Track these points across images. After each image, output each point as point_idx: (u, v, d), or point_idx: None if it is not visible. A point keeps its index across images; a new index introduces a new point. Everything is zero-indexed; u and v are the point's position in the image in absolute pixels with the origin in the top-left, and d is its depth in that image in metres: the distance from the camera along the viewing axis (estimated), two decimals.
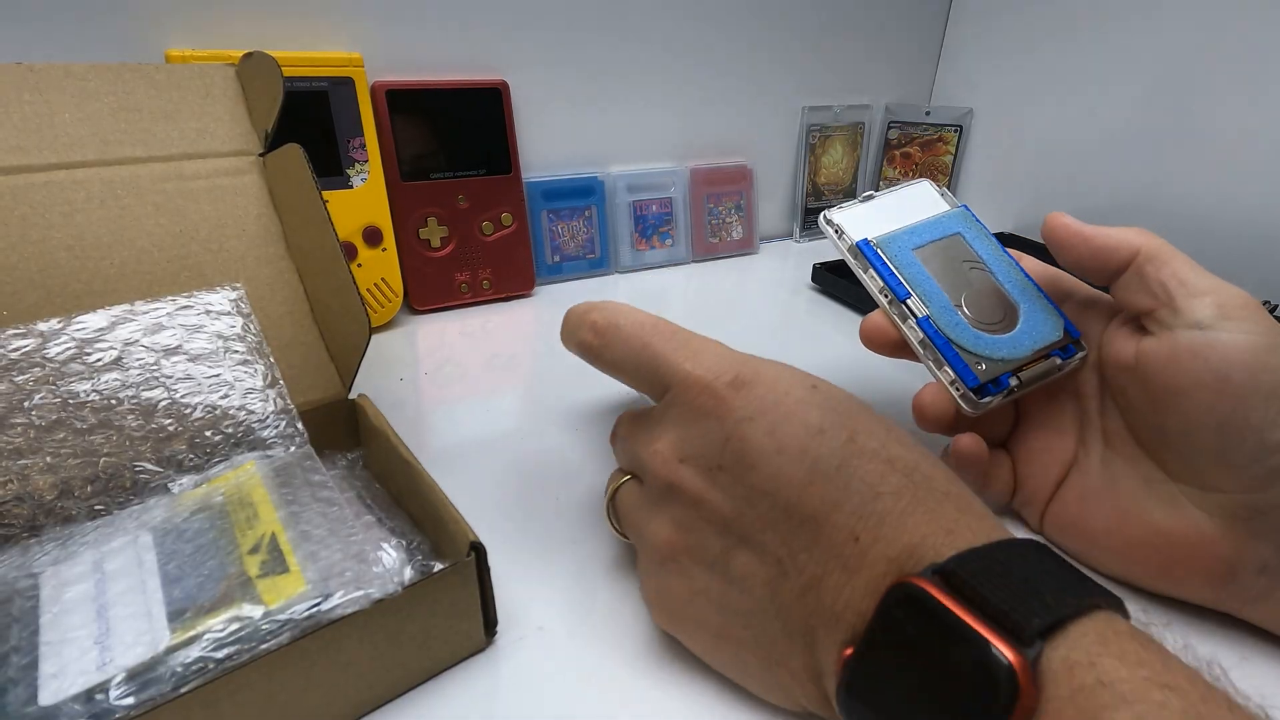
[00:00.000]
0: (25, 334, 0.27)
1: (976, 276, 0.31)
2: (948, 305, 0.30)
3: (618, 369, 0.27)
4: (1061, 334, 0.30)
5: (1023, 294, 0.31)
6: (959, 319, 0.30)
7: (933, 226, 0.32)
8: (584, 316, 0.28)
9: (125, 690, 0.20)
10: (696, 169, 0.70)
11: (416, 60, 0.54)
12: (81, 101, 0.33)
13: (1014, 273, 0.31)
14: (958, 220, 0.33)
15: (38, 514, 0.26)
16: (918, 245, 0.32)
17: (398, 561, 0.25)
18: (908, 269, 0.31)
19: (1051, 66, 0.70)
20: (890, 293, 0.30)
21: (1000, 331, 0.30)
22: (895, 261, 0.31)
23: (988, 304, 0.30)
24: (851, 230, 0.32)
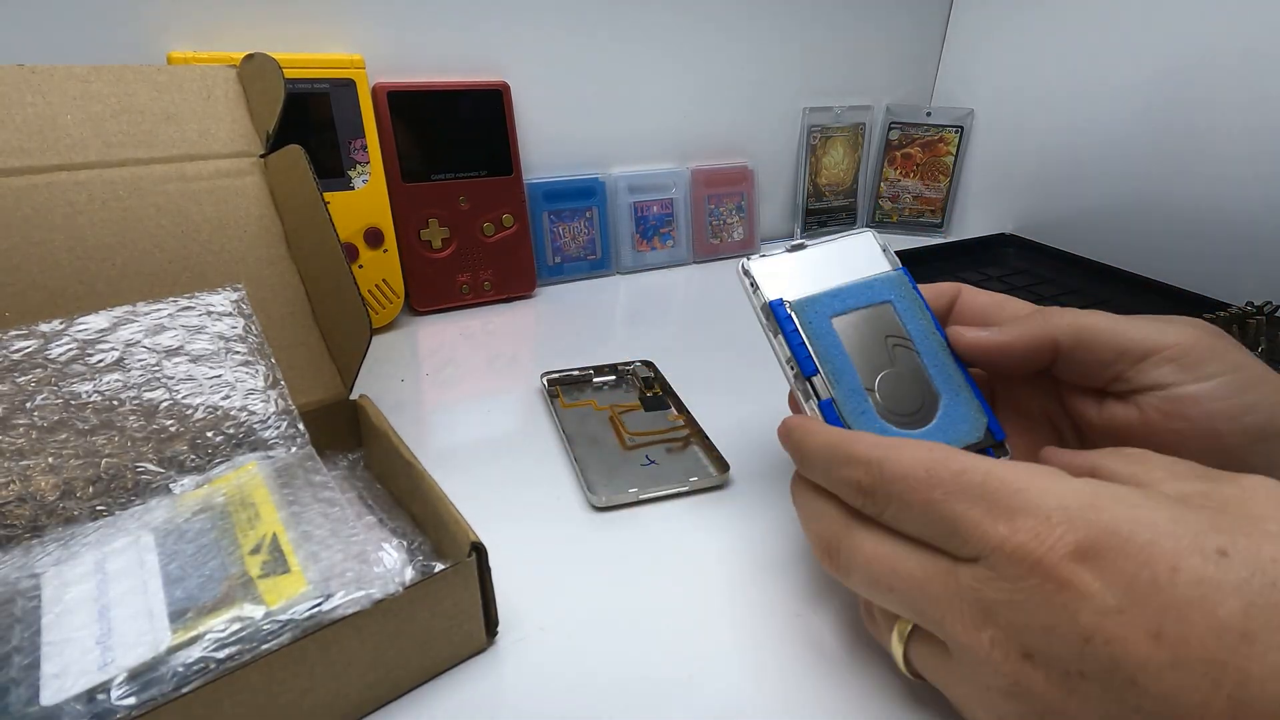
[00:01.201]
0: (27, 335, 0.27)
1: (900, 355, 0.27)
2: (857, 389, 0.26)
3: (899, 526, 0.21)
4: (982, 434, 0.26)
5: (947, 382, 0.27)
6: (867, 406, 0.26)
7: (862, 291, 0.28)
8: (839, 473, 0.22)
9: (127, 690, 0.20)
10: (697, 170, 0.70)
11: (418, 62, 0.55)
12: (84, 103, 0.33)
13: (943, 356, 0.28)
14: (892, 286, 0.29)
15: (40, 514, 0.26)
16: (839, 312, 0.28)
17: (399, 562, 0.25)
18: (821, 340, 0.27)
19: (1052, 67, 0.70)
20: (797, 366, 0.27)
21: (912, 425, 0.26)
22: (809, 330, 0.27)
23: (905, 391, 0.27)
24: (767, 286, 0.28)
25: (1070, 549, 0.16)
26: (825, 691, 0.25)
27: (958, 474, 0.19)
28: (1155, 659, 0.15)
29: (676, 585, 0.30)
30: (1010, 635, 0.18)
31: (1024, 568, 0.17)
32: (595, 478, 0.36)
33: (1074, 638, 0.16)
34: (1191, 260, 0.60)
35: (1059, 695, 0.17)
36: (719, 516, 0.34)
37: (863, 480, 0.21)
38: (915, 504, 0.20)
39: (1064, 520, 0.17)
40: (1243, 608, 0.15)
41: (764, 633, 0.27)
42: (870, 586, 0.22)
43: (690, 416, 0.41)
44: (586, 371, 0.46)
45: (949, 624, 0.19)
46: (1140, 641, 0.15)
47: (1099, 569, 0.16)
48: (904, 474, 0.20)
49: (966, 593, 0.19)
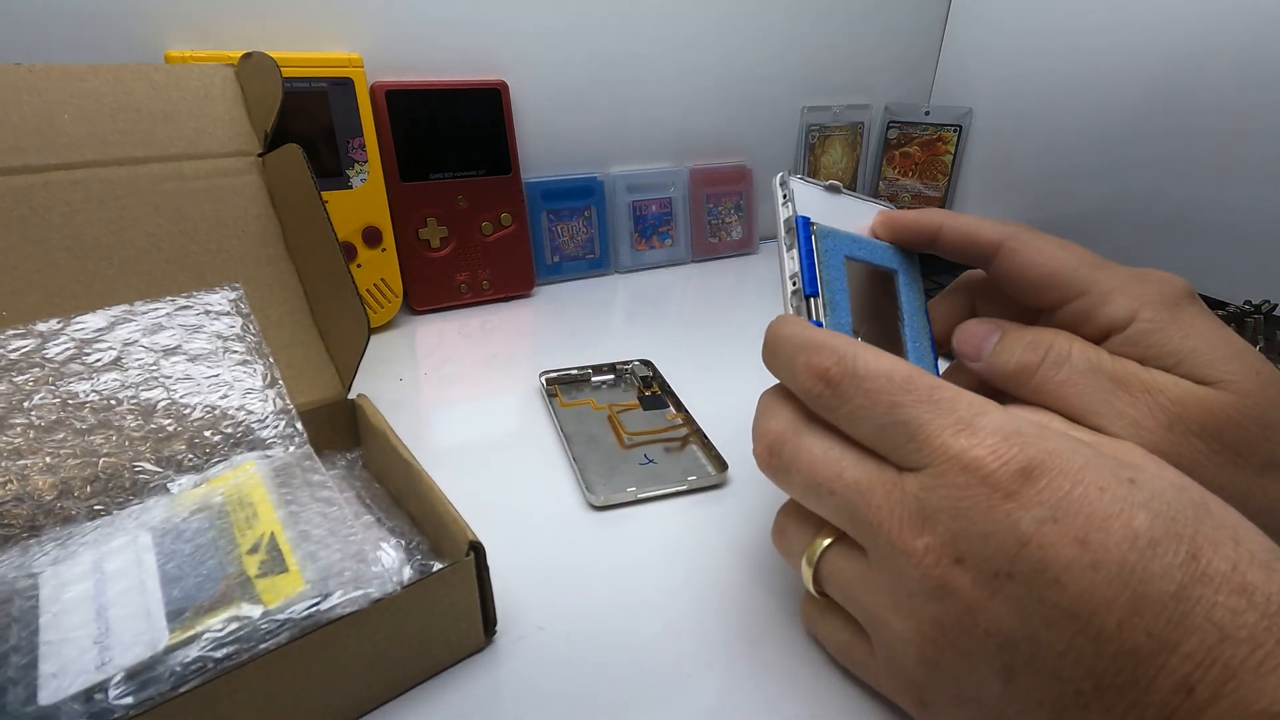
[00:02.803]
0: (25, 334, 0.27)
1: (886, 318, 0.28)
2: (846, 325, 0.26)
3: (852, 424, 0.22)
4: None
5: (919, 360, 0.28)
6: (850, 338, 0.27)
7: (877, 250, 0.29)
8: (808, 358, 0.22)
9: (124, 690, 0.20)
10: (696, 169, 0.70)
11: (416, 61, 0.55)
12: (81, 102, 0.33)
13: (922, 337, 0.28)
14: (902, 260, 0.30)
15: (37, 514, 0.26)
16: (853, 256, 0.28)
17: (397, 561, 0.25)
18: (830, 270, 0.27)
19: (1051, 66, 0.70)
20: (800, 282, 0.27)
21: None
22: (823, 257, 0.27)
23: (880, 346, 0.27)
24: (801, 203, 0.28)
25: (1020, 466, 0.19)
26: (823, 690, 0.25)
27: (931, 387, 0.20)
28: (1079, 560, 0.18)
29: (675, 584, 0.30)
30: (946, 541, 0.19)
31: (976, 478, 0.19)
32: (593, 477, 0.36)
33: (1011, 543, 0.18)
34: (1189, 259, 0.60)
35: (983, 595, 0.19)
36: (717, 515, 0.34)
37: (832, 369, 0.22)
38: (880, 404, 0.21)
39: (1018, 442, 0.19)
40: (1149, 520, 0.18)
41: (762, 632, 0.27)
42: (809, 489, 0.23)
43: (689, 416, 0.41)
44: (585, 371, 0.46)
45: (885, 529, 0.20)
46: (1068, 546, 0.18)
47: (1040, 485, 0.18)
48: (877, 373, 0.21)
49: (909, 500, 0.20)
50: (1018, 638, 0.18)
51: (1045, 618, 0.18)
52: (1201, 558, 0.17)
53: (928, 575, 0.20)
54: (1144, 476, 0.19)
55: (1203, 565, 0.17)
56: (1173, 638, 0.17)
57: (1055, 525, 0.18)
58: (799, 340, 0.23)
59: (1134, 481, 0.18)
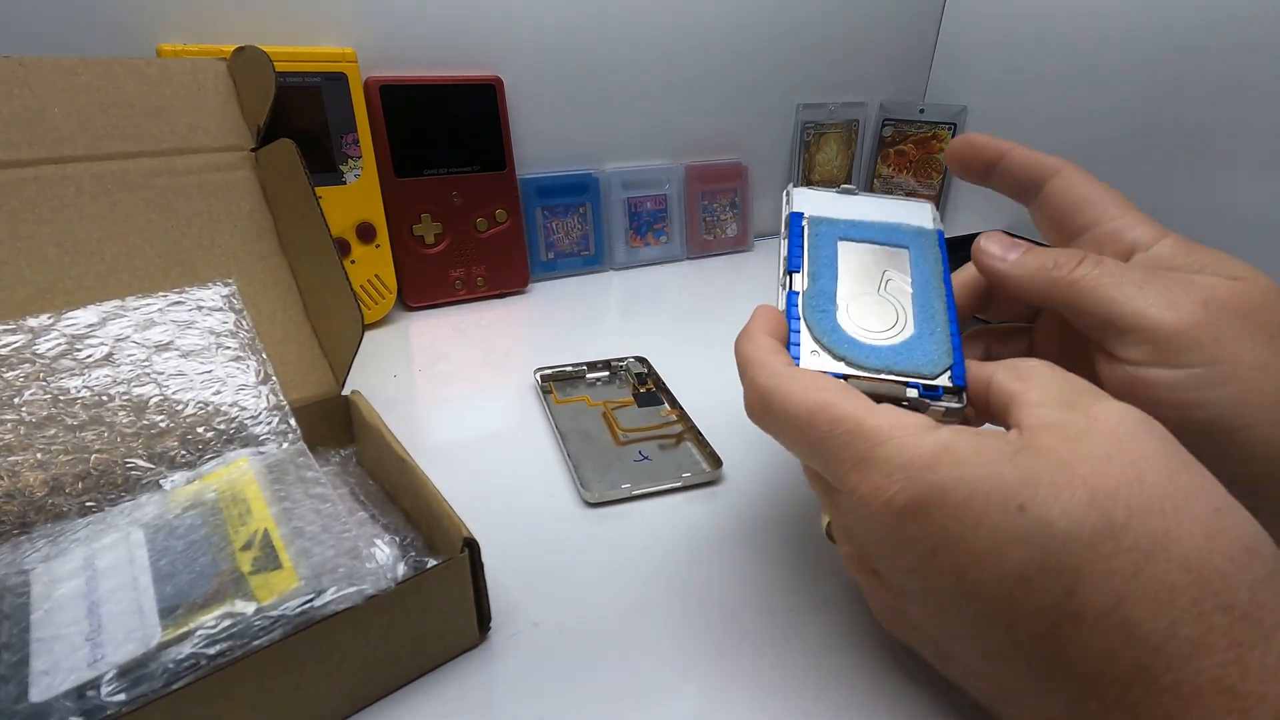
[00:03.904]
0: (15, 330, 0.27)
1: (892, 289, 0.28)
2: (828, 294, 0.27)
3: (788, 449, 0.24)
4: (938, 373, 0.25)
5: (927, 321, 0.26)
6: (829, 308, 0.27)
7: (883, 230, 0.29)
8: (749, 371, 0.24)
9: (116, 687, 0.20)
10: (691, 166, 0.70)
11: (410, 56, 0.54)
12: (72, 96, 0.33)
13: (935, 301, 0.27)
14: (917, 238, 0.29)
15: (28, 511, 0.26)
16: (849, 238, 0.29)
17: (391, 558, 0.25)
18: (819, 249, 0.28)
19: (1045, 65, 0.70)
20: (786, 263, 0.28)
21: (870, 340, 0.26)
22: (812, 240, 0.29)
23: (880, 312, 0.27)
24: (798, 204, 0.30)
25: (902, 504, 0.19)
26: (819, 688, 0.25)
27: (833, 422, 0.21)
28: (958, 593, 0.19)
29: (669, 581, 0.30)
30: (865, 554, 0.22)
31: (866, 511, 0.20)
32: (588, 473, 0.36)
33: (902, 568, 0.20)
34: None
35: (900, 601, 0.22)
36: (712, 512, 0.34)
37: (755, 405, 0.23)
38: (794, 437, 0.22)
39: (902, 479, 0.19)
40: (1024, 557, 0.17)
41: (757, 628, 0.27)
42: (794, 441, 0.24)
43: (683, 412, 0.41)
44: (580, 367, 0.46)
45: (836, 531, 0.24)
46: (948, 579, 0.19)
47: (921, 521, 0.19)
48: (787, 411, 0.22)
49: (839, 511, 0.23)
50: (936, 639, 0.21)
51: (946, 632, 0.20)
52: (1078, 593, 0.17)
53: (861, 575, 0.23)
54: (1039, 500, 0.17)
55: (1078, 603, 0.17)
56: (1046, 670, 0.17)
57: (935, 559, 0.19)
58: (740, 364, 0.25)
59: (1023, 509, 0.17)
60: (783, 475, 0.36)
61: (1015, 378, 0.22)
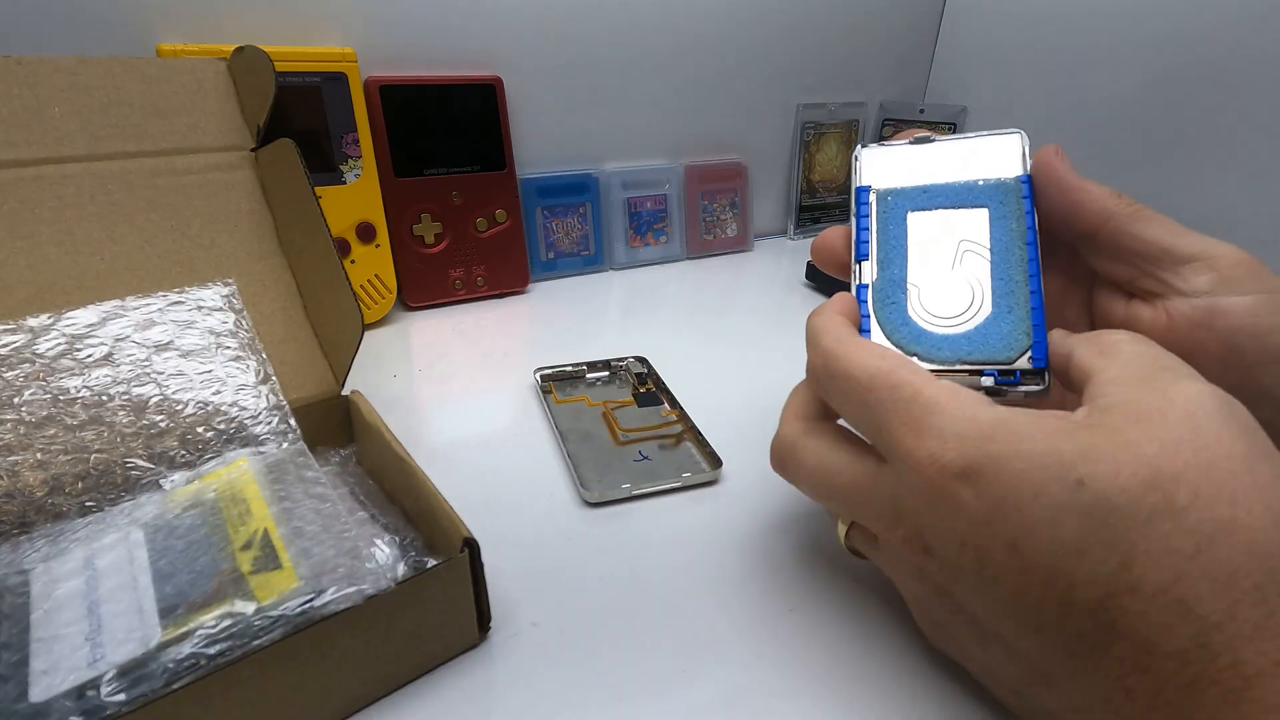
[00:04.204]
0: (15, 330, 0.27)
1: (969, 261, 0.26)
2: (898, 280, 0.26)
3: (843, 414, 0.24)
4: (1015, 355, 0.24)
5: (1006, 297, 0.25)
6: (899, 299, 0.26)
7: (959, 192, 0.27)
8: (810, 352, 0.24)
9: (116, 687, 0.20)
10: (691, 166, 0.70)
11: (410, 56, 0.54)
12: (72, 96, 0.33)
13: (1015, 271, 0.25)
14: (998, 193, 0.27)
15: (28, 510, 0.25)
16: (922, 208, 0.27)
17: (391, 558, 0.25)
18: (888, 230, 0.27)
19: (1045, 65, 0.70)
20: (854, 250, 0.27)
21: (944, 328, 0.25)
22: (881, 219, 0.27)
23: (954, 294, 0.26)
24: (867, 173, 0.28)
25: (958, 469, 0.19)
26: (817, 688, 0.25)
27: (893, 387, 0.21)
28: (1010, 565, 0.18)
29: (669, 581, 0.30)
30: (915, 533, 0.21)
31: (920, 478, 0.20)
32: (588, 473, 0.36)
33: (955, 540, 0.20)
34: None
35: (949, 581, 0.21)
36: (711, 512, 0.34)
37: (818, 368, 0.24)
38: (852, 401, 0.22)
39: (958, 446, 0.19)
40: (1080, 529, 0.17)
41: (756, 628, 0.27)
42: (813, 492, 0.26)
43: (683, 412, 0.41)
44: (580, 367, 0.46)
45: (873, 523, 0.23)
46: (1000, 550, 0.18)
47: (976, 487, 0.19)
48: (847, 373, 0.22)
49: (885, 496, 0.22)
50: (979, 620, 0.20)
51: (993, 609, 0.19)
52: (1135, 567, 0.17)
53: (907, 560, 0.22)
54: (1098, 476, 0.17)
55: (1135, 576, 0.17)
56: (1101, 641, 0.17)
57: (988, 529, 0.18)
58: (809, 333, 0.25)
59: (1082, 483, 0.17)
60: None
61: (1097, 353, 0.22)
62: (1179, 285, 0.24)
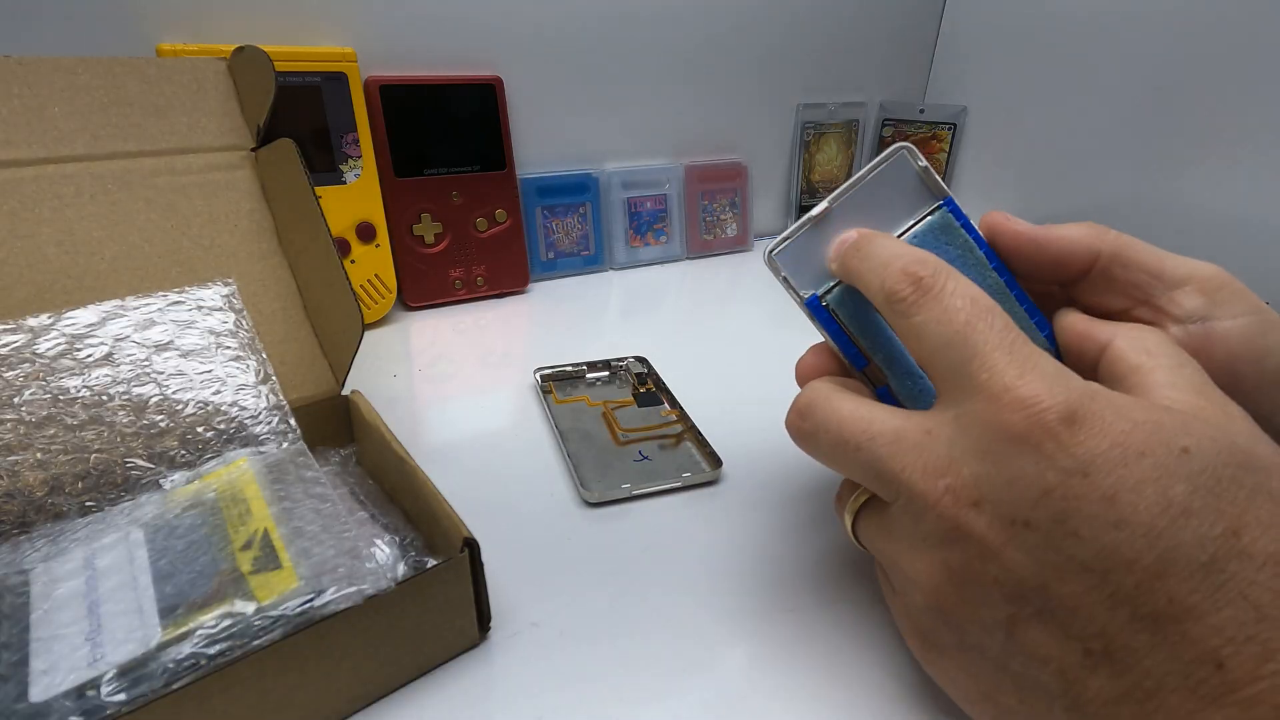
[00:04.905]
0: (15, 329, 0.27)
1: None
2: (911, 370, 0.25)
3: (919, 337, 0.21)
4: None
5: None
6: (925, 385, 0.25)
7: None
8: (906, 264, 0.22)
9: (116, 686, 0.20)
10: (691, 166, 0.70)
11: (410, 55, 0.54)
12: (72, 95, 0.33)
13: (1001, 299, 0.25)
14: (935, 234, 0.26)
15: (28, 510, 0.25)
16: None
17: (391, 558, 0.25)
18: (866, 329, 0.25)
19: (1045, 65, 0.70)
20: (848, 361, 0.26)
21: None
22: (852, 323, 0.25)
23: None
24: (799, 278, 0.27)
25: (1062, 413, 0.18)
26: (817, 688, 0.25)
27: (1007, 325, 0.20)
28: (1103, 516, 0.17)
29: (669, 581, 0.30)
30: (968, 483, 0.19)
31: (1015, 414, 0.18)
32: (588, 473, 0.36)
33: (1034, 491, 0.18)
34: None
35: (997, 542, 0.18)
36: (712, 512, 0.34)
37: (926, 277, 0.21)
38: (955, 321, 0.20)
39: (1065, 394, 0.18)
40: (1189, 490, 0.17)
41: (756, 628, 0.27)
42: (836, 447, 0.23)
43: (683, 412, 0.41)
44: (580, 367, 0.46)
45: (907, 475, 0.20)
46: (1094, 501, 0.17)
47: (1080, 435, 0.18)
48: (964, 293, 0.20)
49: (938, 442, 0.20)
50: (1027, 588, 0.18)
51: (1059, 569, 0.18)
52: (1244, 535, 0.16)
53: (943, 517, 0.19)
54: (1202, 447, 0.17)
55: (1244, 542, 0.16)
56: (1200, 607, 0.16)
57: (1084, 480, 0.17)
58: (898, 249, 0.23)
59: (1187, 451, 0.17)
60: (783, 475, 0.36)
61: (1143, 349, 0.21)
62: (1173, 311, 0.23)
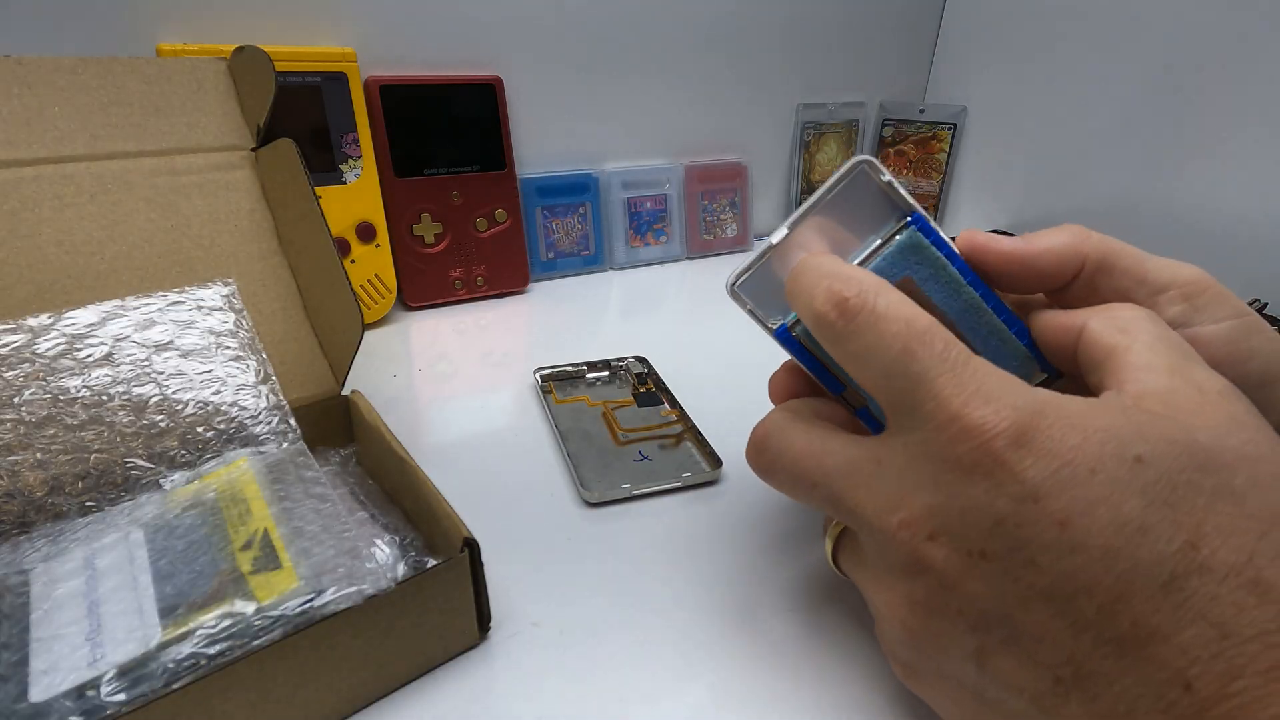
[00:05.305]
0: (15, 329, 0.27)
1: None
2: None
3: (856, 364, 0.21)
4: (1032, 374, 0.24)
5: (985, 339, 0.24)
6: None
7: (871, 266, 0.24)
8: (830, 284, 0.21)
9: (116, 687, 0.20)
10: (691, 166, 0.70)
11: (410, 55, 0.54)
12: (72, 95, 0.33)
13: (973, 313, 0.24)
14: (906, 254, 0.24)
15: (28, 510, 0.25)
16: None
17: (391, 558, 0.25)
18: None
19: (1045, 65, 0.70)
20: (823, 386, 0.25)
21: None
22: (822, 351, 0.24)
23: None
24: (765, 307, 0.26)
25: (1010, 436, 0.17)
26: (817, 688, 0.25)
27: (947, 342, 0.19)
28: (1058, 543, 0.17)
29: (669, 580, 0.30)
30: (922, 515, 0.19)
31: (963, 441, 0.18)
32: (588, 473, 0.36)
33: (988, 519, 0.17)
34: (1181, 258, 0.60)
35: (957, 573, 0.18)
36: (712, 512, 0.34)
37: (851, 299, 0.20)
38: (893, 348, 0.19)
39: (1012, 415, 0.18)
40: (1143, 505, 0.16)
41: (756, 628, 0.27)
42: (795, 483, 0.23)
43: (683, 412, 0.41)
44: (580, 367, 0.46)
45: (865, 509, 0.20)
46: (1048, 527, 0.17)
47: (1029, 457, 0.17)
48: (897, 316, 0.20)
49: (891, 473, 0.20)
50: (991, 619, 0.18)
51: (1020, 599, 0.17)
52: (1203, 547, 0.16)
53: (902, 550, 0.19)
54: (1157, 454, 0.17)
55: (1203, 556, 0.16)
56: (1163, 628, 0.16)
57: (1036, 505, 0.17)
58: (825, 269, 0.21)
59: (1140, 460, 0.17)
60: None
61: (1116, 329, 0.21)
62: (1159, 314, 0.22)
